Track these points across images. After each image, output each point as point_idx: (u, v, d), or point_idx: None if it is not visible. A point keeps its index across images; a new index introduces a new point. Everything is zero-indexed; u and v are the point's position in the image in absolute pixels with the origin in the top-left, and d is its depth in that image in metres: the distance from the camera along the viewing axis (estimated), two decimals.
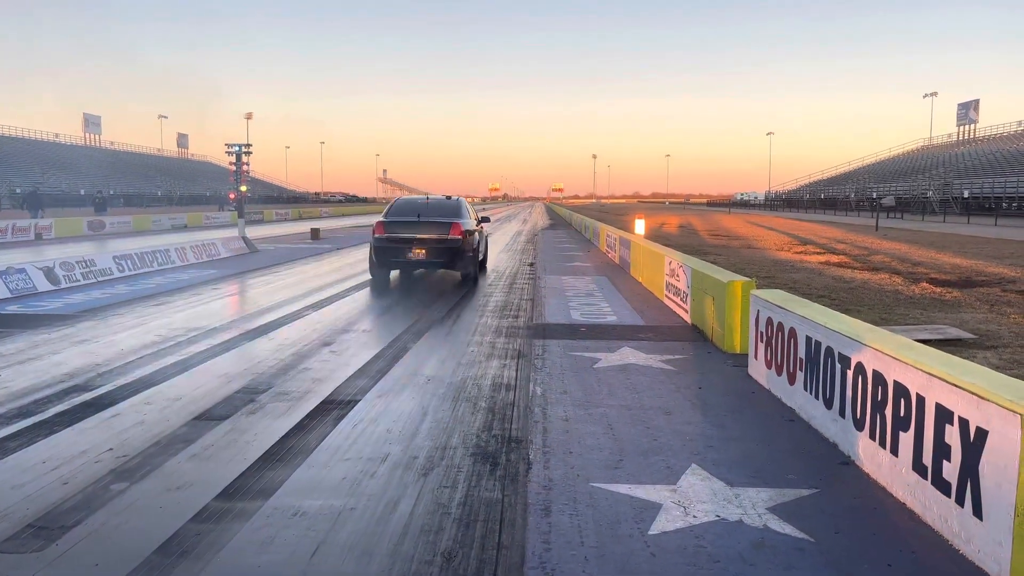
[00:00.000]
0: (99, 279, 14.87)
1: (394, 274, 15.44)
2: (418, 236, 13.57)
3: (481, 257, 15.82)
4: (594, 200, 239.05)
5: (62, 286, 13.73)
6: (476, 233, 14.75)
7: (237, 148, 23.30)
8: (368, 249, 15.02)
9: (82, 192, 47.96)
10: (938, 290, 13.33)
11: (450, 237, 13.56)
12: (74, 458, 4.88)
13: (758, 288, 7.93)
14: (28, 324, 9.95)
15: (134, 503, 4.18)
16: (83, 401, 6.22)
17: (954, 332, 8.95)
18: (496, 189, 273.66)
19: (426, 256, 13.59)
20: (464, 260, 13.79)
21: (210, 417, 5.80)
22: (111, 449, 5.05)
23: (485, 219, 17.36)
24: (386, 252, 13.81)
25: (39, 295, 12.79)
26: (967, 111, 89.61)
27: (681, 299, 10.75)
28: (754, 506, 4.13)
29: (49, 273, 13.70)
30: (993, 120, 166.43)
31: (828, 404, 5.26)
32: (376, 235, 13.97)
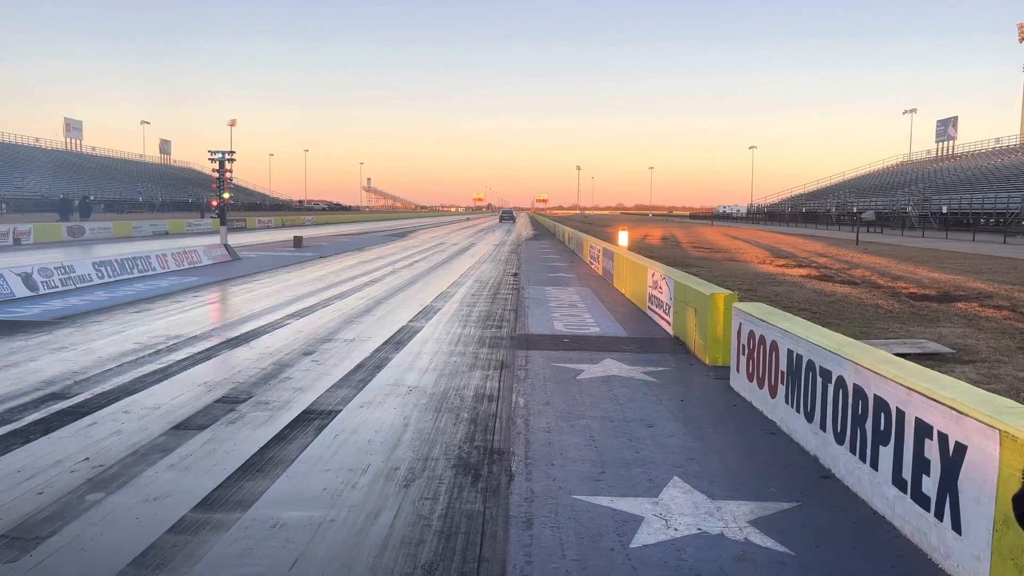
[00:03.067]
0: (78, 285, 14.71)
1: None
2: (505, 215, 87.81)
3: (515, 219, 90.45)
4: (578, 211, 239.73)
5: (40, 292, 13.57)
6: (515, 215, 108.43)
7: (220, 155, 23.14)
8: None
9: (61, 196, 47.54)
10: (917, 304, 13.46)
11: (512, 214, 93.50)
12: (49, 467, 4.81)
13: (740, 301, 7.98)
14: (5, 330, 9.81)
15: (110, 514, 4.12)
16: (60, 409, 6.13)
17: (933, 347, 9.04)
18: (480, 199, 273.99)
19: (507, 217, 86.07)
20: (513, 220, 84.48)
21: (189, 426, 5.74)
22: (87, 459, 4.98)
23: (518, 212, 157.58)
24: (502, 218, 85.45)
25: (16, 301, 12.62)
26: (946, 128, 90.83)
27: (664, 311, 10.78)
28: (735, 519, 4.14)
29: (27, 279, 13.53)
30: (971, 137, 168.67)
31: (809, 417, 5.29)
32: (500, 214, 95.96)
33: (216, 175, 23.37)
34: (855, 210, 65.79)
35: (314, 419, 5.99)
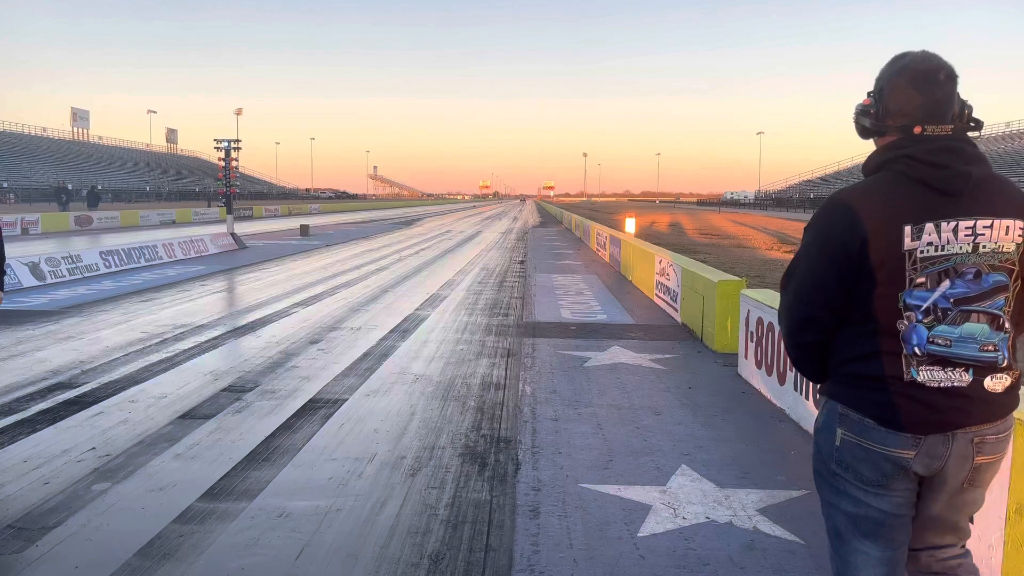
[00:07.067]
0: (85, 275, 14.74)
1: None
2: (520, 199, 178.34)
3: (525, 203, 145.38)
4: (585, 198, 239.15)
5: (47, 281, 13.60)
6: (525, 199, 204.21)
7: (226, 144, 23.10)
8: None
9: (69, 187, 47.82)
10: None
11: (524, 200, 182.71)
12: (56, 457, 4.81)
13: (748, 287, 7.92)
14: (12, 320, 9.83)
15: (116, 504, 4.12)
16: (66, 399, 6.14)
17: None
18: (487, 187, 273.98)
19: (521, 200, 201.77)
20: (524, 204, 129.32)
21: (195, 416, 5.74)
22: (94, 448, 4.98)
23: (526, 199, 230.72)
24: (520, 199, 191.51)
25: (24, 291, 12.66)
26: None
27: (671, 298, 10.73)
28: (744, 507, 4.10)
29: (34, 268, 13.56)
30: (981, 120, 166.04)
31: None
32: (519, 198, 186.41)
33: (222, 164, 23.35)
34: None
35: (320, 408, 5.98)
